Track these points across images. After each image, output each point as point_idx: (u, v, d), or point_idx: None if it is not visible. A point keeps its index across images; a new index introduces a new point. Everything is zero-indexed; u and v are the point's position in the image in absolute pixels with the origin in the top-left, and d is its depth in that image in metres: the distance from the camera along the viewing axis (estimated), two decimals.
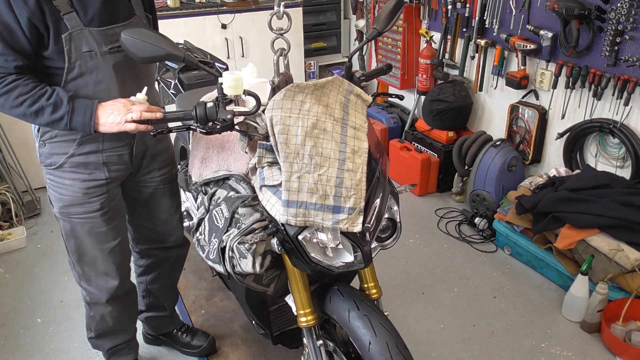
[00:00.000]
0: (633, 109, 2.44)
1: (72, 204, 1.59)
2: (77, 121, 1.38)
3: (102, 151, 1.57)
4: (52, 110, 1.36)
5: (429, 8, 3.47)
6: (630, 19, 2.29)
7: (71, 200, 1.59)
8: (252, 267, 1.35)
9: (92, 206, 1.61)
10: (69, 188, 1.57)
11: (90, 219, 1.62)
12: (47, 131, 1.50)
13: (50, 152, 1.54)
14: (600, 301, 2.20)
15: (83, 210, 1.61)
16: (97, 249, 1.68)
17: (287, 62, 1.49)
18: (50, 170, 1.57)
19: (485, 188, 3.01)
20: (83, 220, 1.62)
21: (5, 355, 2.22)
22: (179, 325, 2.21)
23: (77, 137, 1.51)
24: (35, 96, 1.35)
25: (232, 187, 1.55)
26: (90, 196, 1.60)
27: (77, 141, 1.52)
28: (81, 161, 1.55)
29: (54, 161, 1.55)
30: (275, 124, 1.25)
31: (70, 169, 1.55)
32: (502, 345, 2.24)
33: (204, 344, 2.17)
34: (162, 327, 2.17)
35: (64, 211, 1.61)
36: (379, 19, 1.47)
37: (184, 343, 2.19)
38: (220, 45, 3.86)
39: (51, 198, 1.64)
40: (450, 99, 3.23)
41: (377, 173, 1.34)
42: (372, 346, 1.30)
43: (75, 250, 1.68)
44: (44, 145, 1.54)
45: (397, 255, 2.84)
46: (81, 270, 1.73)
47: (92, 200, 1.60)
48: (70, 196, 1.58)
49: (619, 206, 2.26)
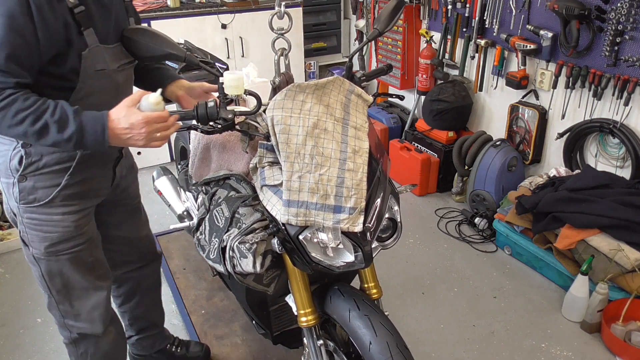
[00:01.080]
0: (633, 109, 2.44)
1: (62, 240, 1.43)
2: (89, 140, 1.21)
3: (92, 178, 1.46)
4: (57, 128, 1.18)
5: (429, 8, 3.48)
6: (630, 19, 2.29)
7: (61, 236, 1.42)
8: (253, 266, 1.35)
9: (82, 238, 1.46)
10: (58, 224, 1.41)
11: (79, 252, 1.48)
12: (33, 162, 1.33)
13: (34, 187, 1.36)
14: (600, 301, 2.20)
15: (73, 244, 1.45)
16: (86, 281, 1.53)
17: (288, 62, 1.49)
18: (33, 207, 1.38)
19: (485, 188, 3.01)
20: (72, 254, 1.46)
21: (5, 355, 2.22)
22: (170, 339, 2.11)
23: (70, 165, 1.37)
24: (37, 112, 1.17)
25: (232, 187, 1.56)
26: (81, 228, 1.46)
27: (70, 170, 1.38)
28: (74, 192, 1.41)
29: (40, 196, 1.37)
30: (276, 123, 1.25)
31: (61, 202, 1.39)
32: (502, 345, 2.24)
33: (200, 353, 2.11)
34: (155, 344, 2.05)
35: (50, 250, 1.43)
36: (379, 19, 1.48)
37: (179, 357, 2.09)
38: (220, 45, 3.86)
39: (30, 239, 1.43)
40: (450, 99, 3.23)
41: (378, 173, 1.34)
42: (372, 346, 1.30)
43: (62, 287, 1.52)
44: (24, 180, 1.35)
45: (397, 255, 2.84)
46: (69, 307, 1.56)
47: (82, 232, 1.46)
48: (60, 232, 1.42)
49: (619, 206, 2.26)
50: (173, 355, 2.10)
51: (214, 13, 3.75)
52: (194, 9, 3.70)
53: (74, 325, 1.60)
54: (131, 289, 1.89)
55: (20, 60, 1.17)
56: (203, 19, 3.73)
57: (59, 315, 1.59)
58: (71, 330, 1.61)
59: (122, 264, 1.81)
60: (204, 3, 3.79)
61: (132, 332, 2.00)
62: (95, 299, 1.58)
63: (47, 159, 1.34)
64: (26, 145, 1.32)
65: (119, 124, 1.20)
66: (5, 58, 1.14)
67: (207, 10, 3.73)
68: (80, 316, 1.59)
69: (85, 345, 1.66)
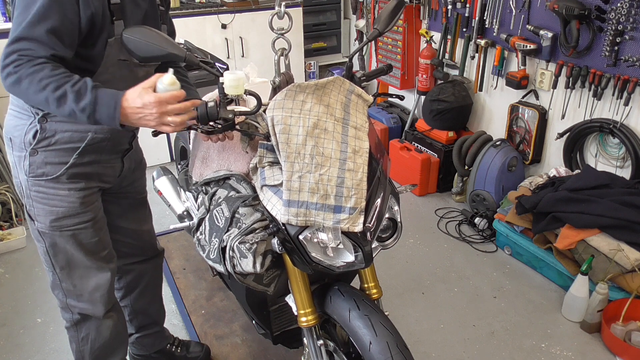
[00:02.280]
0: (633, 109, 2.44)
1: (67, 215, 1.49)
2: (102, 113, 1.24)
3: (99, 162, 1.51)
4: (74, 98, 1.23)
5: (429, 8, 3.48)
6: (630, 19, 2.29)
7: (66, 211, 1.49)
8: (253, 266, 1.35)
9: (86, 216, 1.52)
10: (64, 199, 1.48)
11: (83, 230, 1.53)
12: (46, 137, 1.41)
13: (44, 161, 1.43)
14: (600, 301, 2.20)
15: (77, 221, 1.51)
16: (89, 260, 1.58)
17: (288, 62, 1.49)
18: (42, 181, 1.45)
19: (485, 188, 3.01)
20: (76, 231, 1.52)
21: (5, 355, 2.22)
22: (171, 339, 2.12)
23: (79, 145, 1.44)
24: (60, 80, 1.22)
25: (232, 187, 1.56)
26: (86, 205, 1.51)
27: (80, 150, 1.44)
28: (80, 171, 1.48)
29: (49, 171, 1.44)
30: (276, 123, 1.25)
31: (67, 179, 1.47)
32: (502, 345, 2.24)
33: (200, 354, 2.11)
34: (155, 343, 2.06)
35: (55, 224, 1.50)
36: (379, 19, 1.48)
37: (179, 357, 2.09)
38: (220, 45, 3.86)
39: (36, 213, 1.50)
40: (450, 99, 3.23)
41: (378, 173, 1.34)
42: (372, 346, 1.30)
43: (66, 264, 1.57)
44: (35, 154, 1.42)
45: (397, 255, 2.84)
46: (72, 285, 1.61)
47: (87, 210, 1.52)
48: (65, 207, 1.48)
49: (619, 206, 2.26)
50: (173, 356, 2.10)
51: (214, 13, 3.75)
52: (194, 9, 3.70)
53: (75, 305, 1.64)
54: (132, 281, 1.92)
55: (61, 35, 1.25)
56: (203, 19, 3.73)
57: (61, 294, 1.63)
58: (73, 310, 1.65)
59: (125, 255, 1.85)
60: (204, 3, 3.79)
61: (132, 330, 2.01)
62: (98, 280, 1.62)
63: (59, 136, 1.41)
64: (42, 120, 1.39)
65: (132, 103, 1.23)
66: (47, 31, 1.22)
67: (207, 10, 3.73)
68: (83, 296, 1.62)
69: (86, 328, 1.69)
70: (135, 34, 1.24)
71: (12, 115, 1.44)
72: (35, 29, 1.22)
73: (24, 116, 1.41)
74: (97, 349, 1.72)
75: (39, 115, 1.39)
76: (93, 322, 1.69)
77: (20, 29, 1.22)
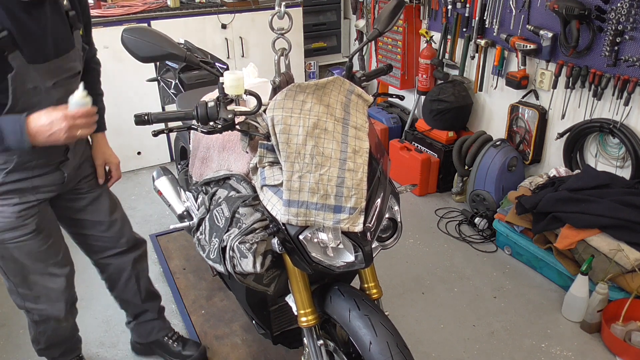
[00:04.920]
0: (633, 109, 2.44)
1: (6, 229, 1.51)
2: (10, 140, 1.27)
3: (32, 177, 1.51)
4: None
5: (429, 8, 3.48)
6: (630, 19, 2.29)
7: (4, 226, 1.50)
8: (253, 266, 1.35)
9: (27, 229, 1.53)
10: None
11: (27, 241, 1.55)
12: None
13: None
14: (600, 301, 2.20)
15: (19, 234, 1.53)
16: (42, 267, 1.61)
17: (288, 62, 1.49)
18: None
19: (485, 188, 3.01)
20: (20, 243, 1.54)
21: (5, 355, 2.21)
22: (169, 331, 2.14)
23: (6, 167, 1.44)
24: None
25: (232, 187, 1.56)
26: (24, 218, 1.52)
27: (6, 170, 1.45)
28: (10, 189, 1.48)
29: None
30: (276, 123, 1.25)
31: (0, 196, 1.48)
32: (502, 345, 2.24)
33: (194, 353, 2.11)
34: (152, 332, 2.10)
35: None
36: (379, 19, 1.48)
37: (174, 352, 2.11)
38: (220, 45, 3.86)
39: None
40: (450, 99, 3.23)
41: (378, 173, 1.34)
42: (372, 346, 1.30)
43: (17, 273, 1.59)
44: None
45: (397, 255, 2.84)
46: (27, 290, 1.64)
47: (26, 223, 1.53)
48: (2, 222, 1.50)
49: (619, 206, 2.26)
50: (168, 348, 2.13)
51: (214, 13, 3.75)
52: (194, 9, 3.70)
53: (34, 307, 1.68)
54: (113, 274, 1.94)
55: None
56: (203, 19, 3.73)
57: (19, 299, 1.66)
58: (32, 312, 1.69)
59: (99, 250, 1.85)
60: (204, 3, 3.79)
61: (129, 318, 2.09)
62: (53, 284, 1.65)
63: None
64: None
65: (38, 122, 1.27)
66: None
67: (207, 10, 3.73)
68: (40, 299, 1.66)
69: (45, 327, 1.75)
70: (135, 34, 1.24)
71: None
72: None
73: None
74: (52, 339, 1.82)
75: None
76: (52, 323, 1.74)
77: None
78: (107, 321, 2.38)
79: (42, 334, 1.80)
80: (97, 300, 2.46)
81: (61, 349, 1.91)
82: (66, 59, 1.45)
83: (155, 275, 2.60)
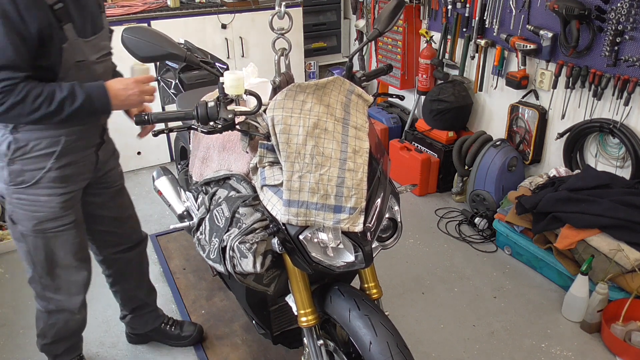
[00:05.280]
0: (633, 109, 2.44)
1: (48, 219, 1.56)
2: (97, 104, 1.40)
3: (77, 162, 1.57)
4: (70, 102, 1.37)
5: (429, 8, 3.48)
6: (630, 19, 2.29)
7: (46, 216, 1.55)
8: (253, 266, 1.35)
9: (67, 219, 1.59)
10: (44, 204, 1.54)
11: (65, 231, 1.60)
12: (20, 147, 1.46)
13: (22, 169, 1.49)
14: (600, 301, 2.20)
15: (59, 224, 1.58)
16: (70, 258, 1.65)
17: (288, 62, 1.49)
18: (21, 189, 1.51)
19: (485, 188, 3.01)
20: (58, 233, 1.59)
21: (5, 355, 2.21)
22: (165, 319, 2.20)
23: (55, 149, 1.49)
24: (50, 94, 1.34)
25: (232, 187, 1.56)
26: (67, 209, 1.58)
27: (56, 154, 1.50)
28: (59, 175, 1.53)
29: (27, 178, 1.50)
30: (276, 123, 1.25)
31: (46, 184, 1.52)
32: (502, 345, 2.24)
33: (193, 332, 2.19)
34: (148, 323, 2.16)
35: (37, 228, 1.56)
36: (379, 19, 1.48)
37: (173, 336, 2.18)
38: (220, 45, 3.86)
39: (18, 218, 1.56)
40: (450, 99, 3.23)
41: (378, 173, 1.34)
42: (372, 346, 1.30)
43: (46, 263, 1.64)
44: (13, 163, 1.48)
45: (397, 255, 2.84)
46: (51, 281, 1.68)
47: (68, 214, 1.59)
48: (46, 212, 1.54)
49: (619, 206, 2.26)
50: (167, 334, 2.19)
51: (214, 13, 3.75)
52: (194, 9, 3.70)
53: (52, 297, 1.73)
54: (120, 269, 1.99)
55: (23, 55, 1.31)
56: (203, 19, 3.73)
57: (39, 287, 1.71)
58: (49, 301, 1.74)
59: (111, 245, 1.91)
60: (204, 3, 3.79)
61: (126, 312, 2.12)
62: (76, 278, 1.71)
63: (33, 144, 1.47)
64: (14, 131, 1.45)
65: (115, 87, 1.42)
66: (13, 55, 1.29)
67: (207, 10, 3.73)
68: (61, 290, 1.71)
69: (57, 318, 1.78)
70: (135, 33, 1.24)
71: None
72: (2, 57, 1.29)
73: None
74: (61, 334, 1.84)
75: (9, 127, 1.44)
76: (65, 314, 1.78)
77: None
78: (107, 321, 2.38)
79: (52, 326, 1.81)
80: (97, 301, 2.46)
81: (66, 344, 1.91)
82: (100, 38, 1.53)
83: (155, 275, 2.60)
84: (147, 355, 2.20)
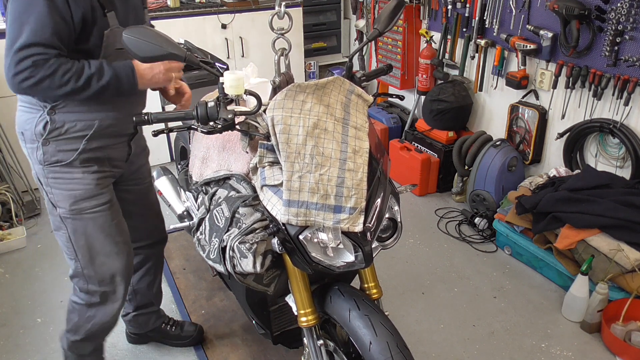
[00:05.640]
0: (633, 109, 2.44)
1: (84, 197, 1.59)
2: (124, 82, 1.44)
3: (107, 147, 1.61)
4: (97, 78, 1.41)
5: (429, 8, 3.48)
6: (630, 19, 2.29)
7: (83, 193, 1.59)
8: (253, 266, 1.35)
9: (103, 198, 1.63)
10: (80, 181, 1.58)
11: (101, 212, 1.63)
12: (56, 127, 1.51)
13: (56, 150, 1.54)
14: (600, 301, 2.20)
15: (95, 204, 1.62)
16: (109, 244, 1.68)
17: (288, 62, 1.49)
18: (57, 167, 1.56)
19: (485, 188, 3.01)
20: (95, 214, 1.62)
21: (5, 355, 2.22)
22: (166, 319, 2.21)
23: (88, 133, 1.54)
24: (78, 70, 1.39)
25: (232, 187, 1.56)
26: (101, 187, 1.62)
27: (88, 136, 1.55)
28: (90, 156, 1.58)
29: (62, 158, 1.55)
30: (276, 123, 1.25)
31: (80, 164, 1.57)
32: (502, 345, 2.24)
33: (193, 333, 2.20)
34: (150, 322, 2.16)
35: (74, 207, 1.59)
36: (379, 19, 1.48)
37: (174, 336, 2.19)
38: (220, 45, 3.86)
39: (56, 199, 1.60)
40: (450, 99, 3.23)
41: (378, 173, 1.34)
42: (372, 346, 1.30)
43: (87, 250, 1.66)
44: (47, 144, 1.53)
45: (397, 255, 2.84)
46: (93, 272, 1.70)
47: (103, 192, 1.63)
48: (82, 189, 1.59)
49: (619, 206, 2.26)
50: (167, 334, 2.20)
51: (214, 13, 3.75)
52: (194, 9, 3.70)
53: (97, 290, 1.74)
54: (137, 264, 2.01)
55: (61, 36, 1.37)
56: (203, 19, 3.73)
57: (82, 281, 1.73)
58: (93, 294, 1.75)
59: (135, 240, 1.92)
60: (204, 3, 3.79)
61: (129, 309, 2.11)
62: (118, 264, 1.72)
63: (68, 126, 1.52)
64: (51, 112, 1.50)
65: (141, 66, 1.47)
66: (51, 34, 1.35)
67: (207, 10, 3.73)
68: (104, 281, 1.73)
69: (96, 311, 1.78)
70: (136, 33, 1.24)
71: (22, 111, 1.54)
72: (41, 34, 1.33)
73: (33, 110, 1.51)
74: (94, 329, 1.82)
75: (47, 108, 1.49)
76: (106, 307, 1.78)
77: (26, 35, 1.33)
78: None
79: (88, 320, 1.79)
80: None
81: (94, 344, 1.89)
82: None
83: None
84: (147, 355, 2.20)
